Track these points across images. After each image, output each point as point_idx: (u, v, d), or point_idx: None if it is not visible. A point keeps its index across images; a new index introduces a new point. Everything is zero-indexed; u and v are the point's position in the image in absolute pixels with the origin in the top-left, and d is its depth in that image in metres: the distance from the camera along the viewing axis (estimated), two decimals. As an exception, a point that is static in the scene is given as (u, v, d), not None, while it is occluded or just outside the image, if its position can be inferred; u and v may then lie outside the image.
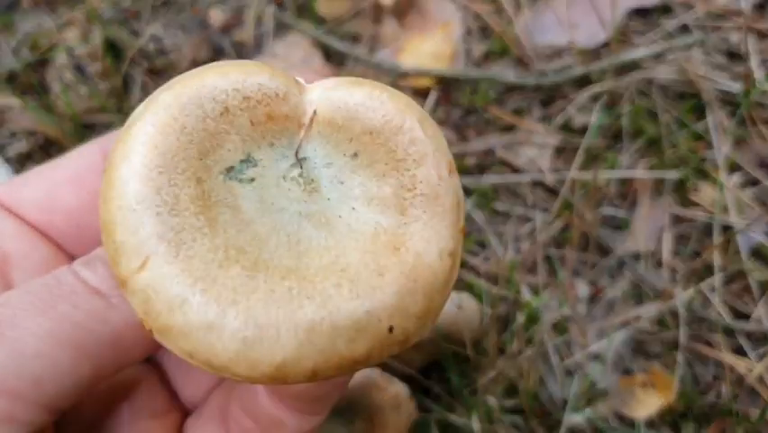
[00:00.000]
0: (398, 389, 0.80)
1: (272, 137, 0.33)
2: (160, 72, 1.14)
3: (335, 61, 1.16)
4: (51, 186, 0.48)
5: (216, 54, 1.16)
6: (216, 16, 1.23)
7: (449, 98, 1.11)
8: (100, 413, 0.45)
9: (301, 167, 0.34)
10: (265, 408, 0.42)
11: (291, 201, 0.33)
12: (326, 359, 0.29)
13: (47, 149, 1.06)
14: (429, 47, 1.16)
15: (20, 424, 0.34)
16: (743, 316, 0.93)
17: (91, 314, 0.37)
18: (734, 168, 1.02)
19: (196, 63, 1.13)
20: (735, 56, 1.09)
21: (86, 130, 1.06)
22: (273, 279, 0.29)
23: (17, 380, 0.34)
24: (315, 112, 0.34)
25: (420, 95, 1.11)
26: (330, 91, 0.34)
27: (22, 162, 1.05)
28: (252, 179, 0.32)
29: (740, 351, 0.91)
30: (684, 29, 1.12)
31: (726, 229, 0.98)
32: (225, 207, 0.31)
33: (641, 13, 1.14)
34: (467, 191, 1.02)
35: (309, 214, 0.32)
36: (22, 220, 0.47)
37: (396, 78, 1.11)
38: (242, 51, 1.16)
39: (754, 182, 1.01)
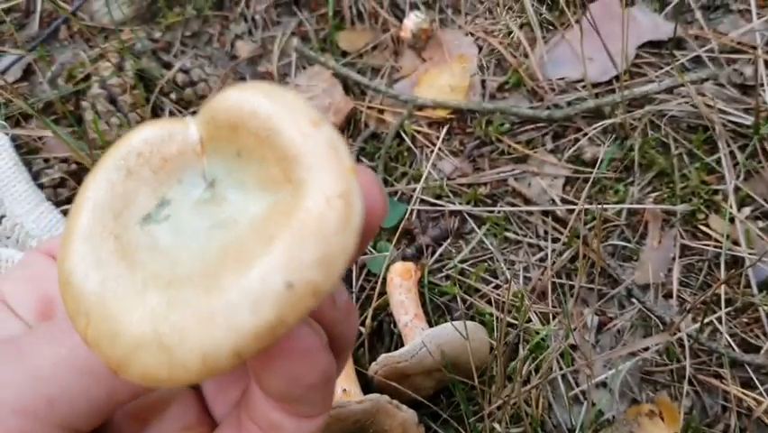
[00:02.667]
0: (407, 415, 0.82)
1: (177, 174, 0.36)
2: (189, 103, 1.19)
3: (355, 93, 1.20)
4: None
5: (241, 85, 1.20)
6: (243, 48, 1.28)
7: (464, 129, 1.14)
8: (132, 427, 0.47)
9: (213, 186, 0.36)
10: (264, 412, 0.45)
11: (204, 219, 0.35)
12: (241, 337, 0.30)
13: (79, 174, 1.11)
14: (446, 79, 1.20)
15: None
16: (753, 348, 0.93)
17: None
18: (745, 200, 1.02)
19: (221, 94, 1.18)
20: (748, 89, 1.10)
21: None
22: (181, 290, 0.31)
23: (31, 399, 0.37)
24: (200, 136, 0.36)
25: (436, 125, 1.14)
26: (202, 113, 0.37)
27: (55, 187, 1.10)
28: (168, 216, 0.35)
29: (749, 384, 0.91)
30: (697, 61, 1.14)
31: (737, 261, 0.98)
32: (144, 249, 0.34)
33: (654, 45, 1.16)
34: (480, 220, 1.05)
35: (220, 222, 0.34)
36: None
37: (413, 109, 1.15)
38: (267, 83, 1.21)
39: (765, 215, 1.02)
